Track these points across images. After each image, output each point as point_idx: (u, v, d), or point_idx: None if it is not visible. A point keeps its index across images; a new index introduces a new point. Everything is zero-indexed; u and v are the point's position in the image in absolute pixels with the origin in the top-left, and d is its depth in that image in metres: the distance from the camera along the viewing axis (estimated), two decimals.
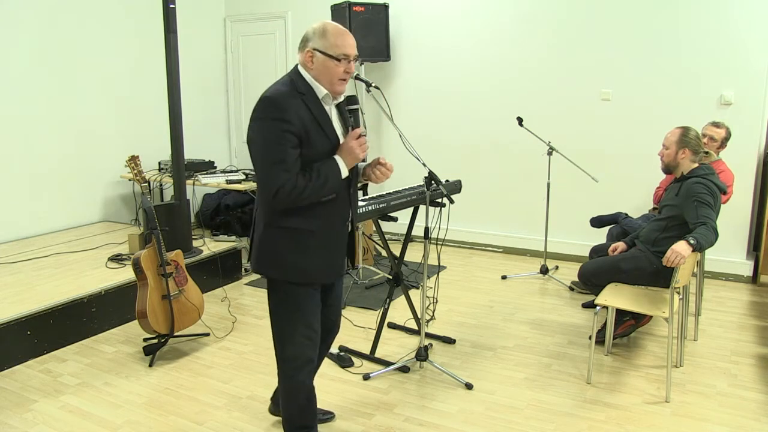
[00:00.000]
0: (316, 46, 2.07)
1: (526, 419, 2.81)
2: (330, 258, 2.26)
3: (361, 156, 2.15)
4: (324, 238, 2.20)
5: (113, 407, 2.93)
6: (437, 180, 2.96)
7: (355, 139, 2.14)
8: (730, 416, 2.81)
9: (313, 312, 2.27)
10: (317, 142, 2.09)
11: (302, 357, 2.27)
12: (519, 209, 5.51)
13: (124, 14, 5.60)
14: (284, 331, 2.26)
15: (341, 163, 2.13)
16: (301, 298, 2.23)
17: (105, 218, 5.65)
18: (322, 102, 2.13)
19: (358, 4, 5.28)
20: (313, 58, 2.08)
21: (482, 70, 5.48)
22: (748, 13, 4.44)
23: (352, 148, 2.12)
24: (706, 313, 4.11)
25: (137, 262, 3.32)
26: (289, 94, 2.06)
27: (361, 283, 4.65)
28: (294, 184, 2.01)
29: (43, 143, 5.07)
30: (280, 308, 2.26)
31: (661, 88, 4.81)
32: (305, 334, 2.25)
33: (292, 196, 2.02)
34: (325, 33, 2.07)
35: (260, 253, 2.21)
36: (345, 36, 2.10)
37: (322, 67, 2.08)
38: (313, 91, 2.11)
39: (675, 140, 3.23)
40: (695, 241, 2.87)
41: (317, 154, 2.09)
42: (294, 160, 2.03)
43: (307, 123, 2.06)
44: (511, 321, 4.00)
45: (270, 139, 2.01)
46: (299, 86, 2.09)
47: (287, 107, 2.02)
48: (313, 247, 2.17)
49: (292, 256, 2.16)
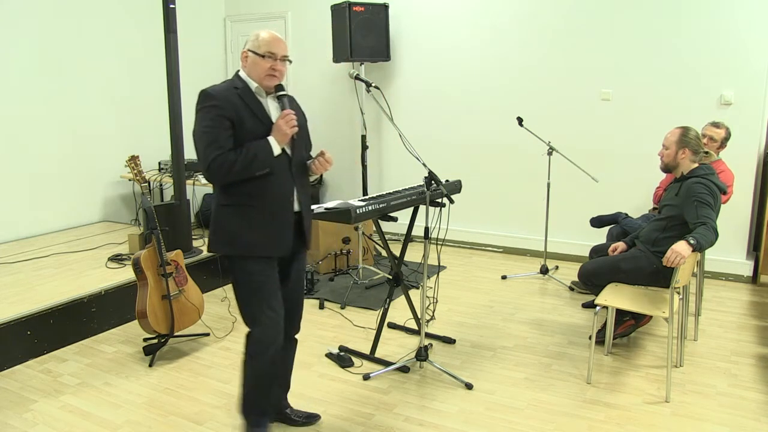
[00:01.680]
0: (248, 48, 2.40)
1: (526, 419, 2.81)
2: (274, 232, 2.42)
3: (288, 132, 2.37)
4: (266, 213, 2.40)
5: (113, 407, 2.93)
6: (437, 180, 2.96)
7: (282, 118, 2.37)
8: (730, 416, 2.81)
9: (271, 292, 2.44)
10: (251, 128, 2.34)
11: (267, 338, 2.43)
12: (519, 209, 5.51)
13: (124, 14, 5.60)
14: (248, 312, 2.44)
15: (272, 141, 2.36)
16: (257, 276, 2.40)
17: (105, 218, 5.66)
18: (255, 94, 2.40)
19: (358, 4, 5.28)
20: (246, 57, 2.40)
21: (482, 70, 5.48)
22: (748, 13, 4.44)
23: (279, 126, 2.36)
24: (706, 313, 4.11)
25: (137, 262, 3.32)
26: (223, 87, 2.36)
27: (361, 283, 4.65)
28: (224, 159, 2.27)
29: (43, 143, 5.07)
30: (241, 289, 2.44)
31: (661, 88, 4.81)
32: (269, 315, 2.42)
33: (224, 168, 2.27)
34: (257, 37, 2.39)
35: (212, 232, 2.45)
36: (274, 38, 2.39)
37: (252, 64, 2.39)
38: (247, 85, 2.40)
39: (675, 140, 3.23)
40: (695, 241, 2.87)
41: (249, 136, 2.34)
42: (225, 138, 2.29)
43: (239, 109, 2.32)
44: (511, 321, 4.00)
45: (205, 123, 2.30)
46: (236, 83, 2.39)
47: (218, 95, 2.31)
48: (256, 220, 2.38)
49: (238, 231, 2.39)
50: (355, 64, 5.41)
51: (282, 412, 2.76)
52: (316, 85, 6.31)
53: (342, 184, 6.36)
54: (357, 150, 5.67)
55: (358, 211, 2.96)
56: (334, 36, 5.48)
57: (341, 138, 6.22)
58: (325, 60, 5.91)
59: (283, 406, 2.76)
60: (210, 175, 2.31)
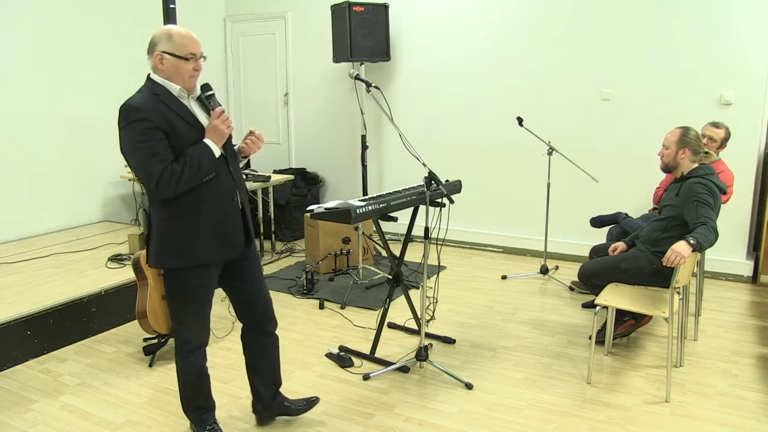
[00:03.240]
0: (164, 49, 2.23)
1: (526, 419, 2.81)
2: (223, 235, 2.38)
3: (227, 131, 2.30)
4: (213, 218, 2.33)
5: (113, 407, 2.93)
6: (437, 180, 2.96)
7: (217, 117, 2.29)
8: (730, 416, 2.82)
9: (205, 300, 2.45)
10: (183, 133, 2.24)
11: (194, 341, 2.49)
12: (519, 209, 5.51)
13: (124, 14, 5.60)
14: (178, 317, 2.45)
15: (210, 143, 2.27)
16: (194, 286, 2.38)
17: (105, 218, 5.66)
18: (178, 97, 2.28)
19: (358, 4, 5.28)
20: (162, 60, 2.24)
21: (482, 70, 5.48)
22: (748, 13, 4.44)
23: (216, 126, 2.27)
24: (706, 313, 4.11)
25: (137, 262, 3.32)
26: (144, 97, 2.22)
27: (361, 283, 4.65)
28: (171, 171, 2.16)
29: (43, 143, 5.07)
30: (175, 297, 2.43)
31: (661, 89, 4.81)
32: (197, 321, 2.46)
33: (173, 182, 2.17)
34: (171, 36, 2.23)
35: (157, 246, 2.33)
36: (190, 37, 2.26)
37: (173, 67, 2.24)
38: (167, 90, 2.26)
39: (675, 140, 3.23)
40: (695, 241, 2.87)
41: (186, 143, 2.24)
42: (165, 150, 2.18)
43: (168, 117, 2.21)
44: (511, 321, 4.00)
45: (138, 139, 2.16)
46: (154, 89, 2.25)
47: (144, 107, 2.17)
48: (204, 228, 2.31)
49: (184, 242, 2.30)
50: (355, 64, 5.41)
51: (281, 407, 2.75)
52: (316, 85, 6.31)
53: (342, 184, 6.36)
54: (357, 150, 5.67)
55: (358, 211, 2.96)
56: (334, 36, 5.48)
57: (341, 138, 6.22)
58: (325, 60, 5.91)
59: (280, 402, 2.76)
60: (159, 191, 2.17)
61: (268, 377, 2.71)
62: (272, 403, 2.74)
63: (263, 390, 2.70)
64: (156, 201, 2.29)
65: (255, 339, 2.67)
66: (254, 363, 2.69)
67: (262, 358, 2.69)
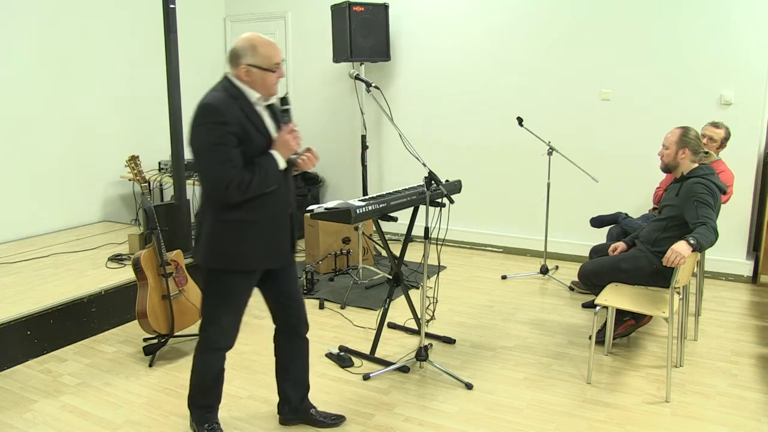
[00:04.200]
0: (249, 62, 2.25)
1: (526, 419, 2.81)
2: (274, 244, 2.43)
3: (295, 147, 2.36)
4: (267, 227, 2.38)
5: (113, 407, 2.93)
6: (437, 180, 2.96)
7: (288, 133, 2.34)
8: (730, 416, 2.82)
9: (243, 303, 2.47)
10: (253, 140, 2.28)
11: (221, 342, 2.49)
12: (519, 209, 5.51)
13: (124, 14, 5.60)
14: (212, 316, 2.46)
15: (277, 155, 2.32)
16: (235, 287, 2.41)
17: (105, 218, 5.65)
18: (254, 105, 2.31)
19: (358, 4, 5.28)
20: (248, 72, 2.26)
21: (482, 69, 5.48)
22: (748, 13, 4.44)
23: (287, 141, 2.33)
24: (706, 313, 4.11)
25: (137, 262, 3.32)
26: (224, 98, 2.24)
27: (361, 283, 4.65)
28: (241, 179, 2.21)
29: (43, 143, 5.07)
30: (213, 296, 2.43)
31: (661, 88, 4.81)
32: (230, 321, 2.47)
33: (242, 189, 2.22)
34: (256, 48, 2.25)
35: (207, 246, 2.37)
36: (274, 46, 2.30)
37: (260, 79, 2.28)
38: (245, 96, 2.29)
39: (675, 140, 3.23)
40: (695, 241, 2.87)
41: (254, 151, 2.28)
42: (238, 157, 2.22)
43: (243, 123, 2.24)
44: (511, 321, 4.00)
45: (215, 141, 2.19)
46: (232, 92, 2.27)
47: (226, 111, 2.20)
48: (257, 236, 2.35)
49: (237, 246, 2.34)
50: (355, 64, 5.41)
51: (307, 413, 2.75)
52: (316, 85, 6.31)
53: (342, 184, 6.36)
54: (357, 150, 5.67)
55: (358, 211, 2.96)
56: (334, 36, 5.48)
57: (341, 138, 6.22)
58: (325, 60, 5.91)
59: (307, 407, 2.76)
60: (228, 195, 2.21)
61: (298, 381, 2.72)
62: (299, 406, 2.73)
63: (292, 393, 2.70)
64: (214, 202, 2.31)
65: (288, 342, 2.66)
66: (285, 366, 2.69)
67: (294, 361, 2.69)
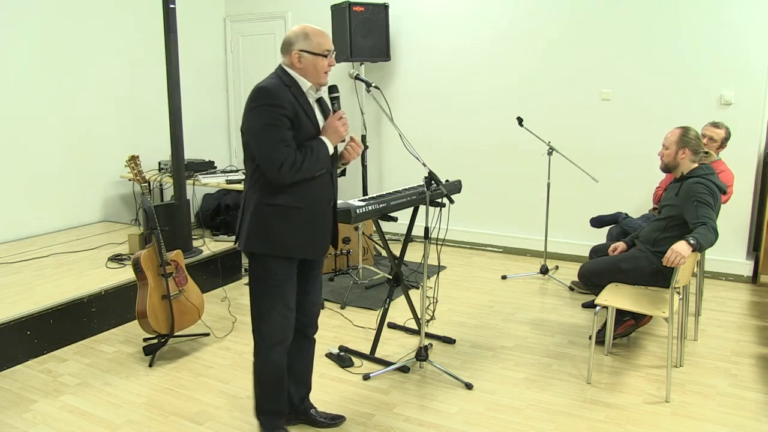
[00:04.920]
0: (302, 48, 2.33)
1: (526, 419, 2.81)
2: (315, 234, 2.44)
3: (344, 133, 2.41)
4: (310, 214, 2.40)
5: (113, 407, 2.93)
6: (437, 180, 2.96)
7: (338, 119, 2.40)
8: (730, 416, 2.81)
9: (291, 290, 2.43)
10: (304, 127, 2.33)
11: (276, 334, 2.44)
12: (519, 209, 5.51)
13: (124, 14, 5.60)
14: (261, 309, 2.42)
15: (327, 140, 2.37)
16: (280, 275, 2.39)
17: (105, 218, 5.65)
18: (306, 93, 2.37)
19: (358, 4, 5.28)
20: (300, 58, 2.33)
21: (482, 70, 5.48)
22: (748, 13, 4.44)
23: (336, 127, 2.39)
24: (706, 313, 4.11)
25: (137, 262, 3.32)
26: (277, 84, 2.31)
27: (361, 283, 4.65)
28: (294, 158, 2.25)
29: (43, 143, 5.07)
30: (260, 283, 2.42)
31: (661, 88, 4.81)
32: (282, 313, 2.42)
33: (294, 169, 2.25)
34: (308, 35, 2.34)
35: (250, 230, 2.36)
36: (325, 34, 2.38)
37: (311, 65, 2.34)
38: (298, 84, 2.35)
39: (675, 140, 3.23)
40: (695, 241, 2.87)
41: (304, 138, 2.33)
42: (291, 138, 2.27)
43: (296, 108, 2.30)
44: (511, 321, 4.00)
45: (269, 122, 2.25)
46: (285, 80, 2.34)
47: (279, 94, 2.27)
48: (300, 222, 2.37)
49: (280, 231, 2.35)
50: (355, 64, 5.41)
51: (307, 413, 2.75)
52: None
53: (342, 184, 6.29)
54: None
55: (358, 211, 2.96)
56: (334, 36, 5.47)
57: None
58: None
59: (307, 407, 2.75)
60: (280, 175, 2.24)
61: (300, 380, 2.71)
62: (300, 406, 2.73)
63: (293, 392, 2.69)
64: (260, 185, 2.33)
65: (294, 341, 2.61)
66: (289, 364, 2.65)
67: (299, 360, 2.68)
